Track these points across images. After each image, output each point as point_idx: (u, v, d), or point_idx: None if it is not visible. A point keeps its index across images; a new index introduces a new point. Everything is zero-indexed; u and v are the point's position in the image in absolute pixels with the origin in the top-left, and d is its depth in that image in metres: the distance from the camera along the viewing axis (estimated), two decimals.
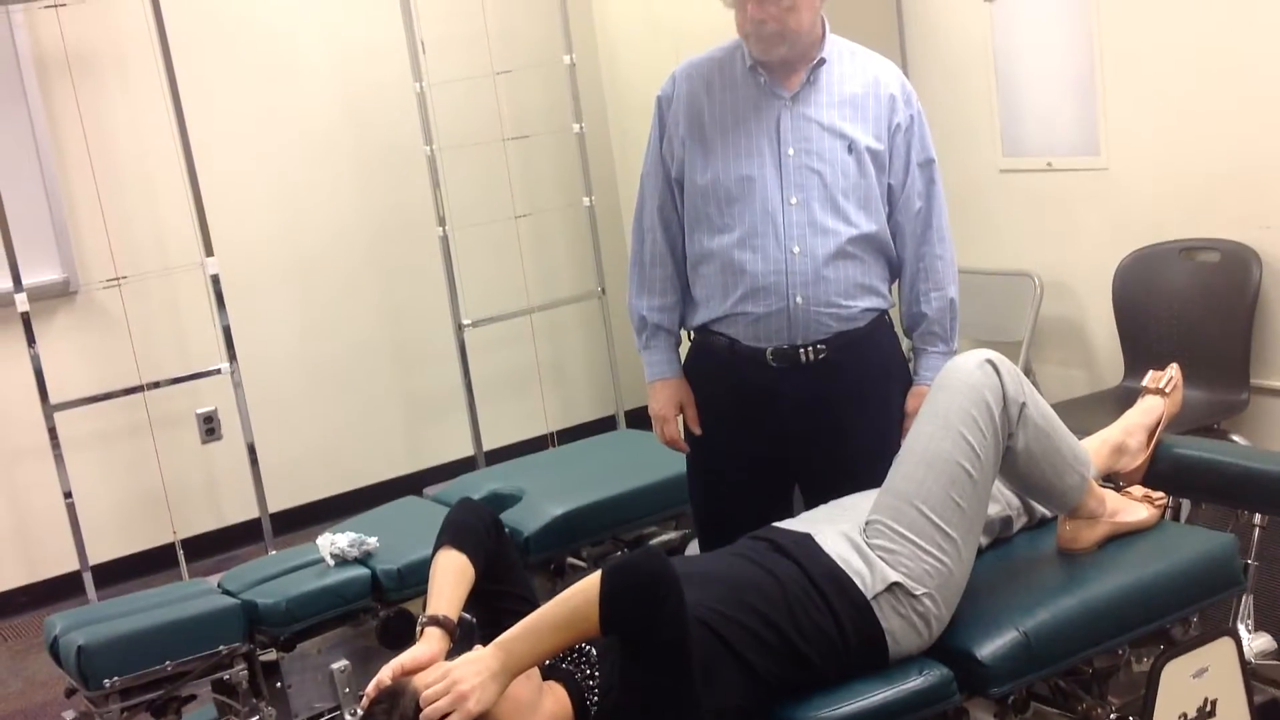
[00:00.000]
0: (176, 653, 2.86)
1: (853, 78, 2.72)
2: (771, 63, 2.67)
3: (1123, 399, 3.67)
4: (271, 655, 3.02)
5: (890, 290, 2.80)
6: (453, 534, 2.32)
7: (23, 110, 4.44)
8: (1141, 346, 4.00)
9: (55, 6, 4.23)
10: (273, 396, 4.90)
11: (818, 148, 2.66)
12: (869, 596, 2.25)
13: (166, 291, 4.71)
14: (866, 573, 2.28)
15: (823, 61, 2.70)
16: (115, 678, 2.78)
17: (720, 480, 2.86)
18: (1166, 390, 2.83)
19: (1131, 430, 2.77)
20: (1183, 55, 3.84)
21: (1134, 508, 2.61)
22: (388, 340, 5.24)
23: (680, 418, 2.88)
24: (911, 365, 2.86)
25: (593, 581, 2.00)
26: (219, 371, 4.57)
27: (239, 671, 2.95)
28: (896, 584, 2.25)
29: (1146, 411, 2.80)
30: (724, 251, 2.69)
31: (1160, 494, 2.68)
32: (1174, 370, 2.88)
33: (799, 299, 2.65)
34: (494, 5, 5.01)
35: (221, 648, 2.91)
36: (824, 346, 2.67)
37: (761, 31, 2.61)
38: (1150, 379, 2.87)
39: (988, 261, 4.52)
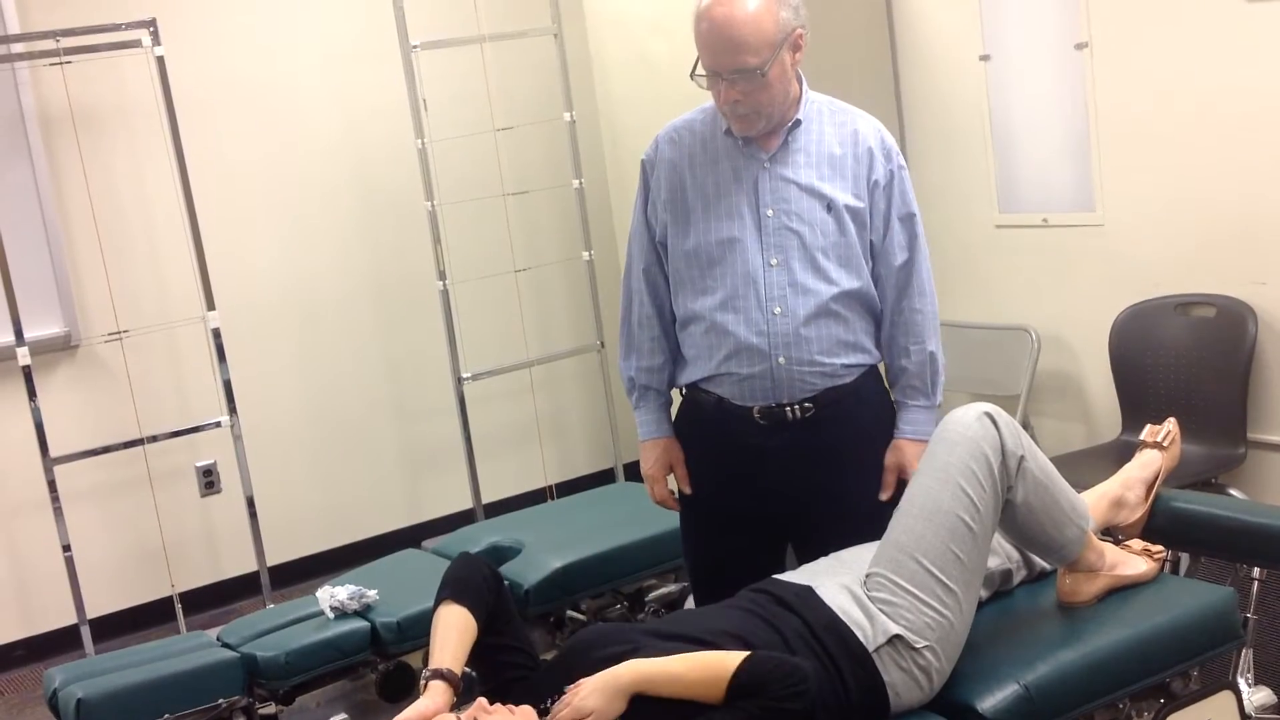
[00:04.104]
0: (175, 706, 2.86)
1: (831, 135, 2.73)
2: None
3: (1120, 453, 3.68)
4: (271, 709, 3.02)
5: (879, 344, 2.81)
6: (453, 589, 2.33)
7: (26, 164, 4.47)
8: (1138, 401, 4.01)
9: (60, 64, 4.27)
10: (272, 450, 4.90)
11: (796, 208, 2.67)
12: (870, 649, 2.25)
13: (167, 345, 4.73)
14: (867, 625, 2.28)
15: (799, 123, 2.71)
16: None
17: (713, 536, 2.86)
18: (1164, 444, 2.85)
19: (1130, 484, 2.79)
20: (1178, 112, 3.88)
21: (1133, 561, 2.62)
22: (387, 393, 5.25)
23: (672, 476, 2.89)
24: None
25: (736, 654, 2.13)
26: (219, 425, 4.58)
27: None
28: (897, 636, 2.25)
29: (1144, 465, 2.82)
30: (708, 313, 2.70)
31: (1159, 547, 2.69)
32: (1171, 424, 2.89)
33: (781, 359, 2.65)
34: (495, 64, 5.06)
35: (221, 701, 2.91)
36: (810, 404, 2.67)
37: (736, 111, 2.63)
38: (1148, 433, 2.89)
39: (985, 316, 4.55)
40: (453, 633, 2.27)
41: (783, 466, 2.69)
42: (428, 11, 4.88)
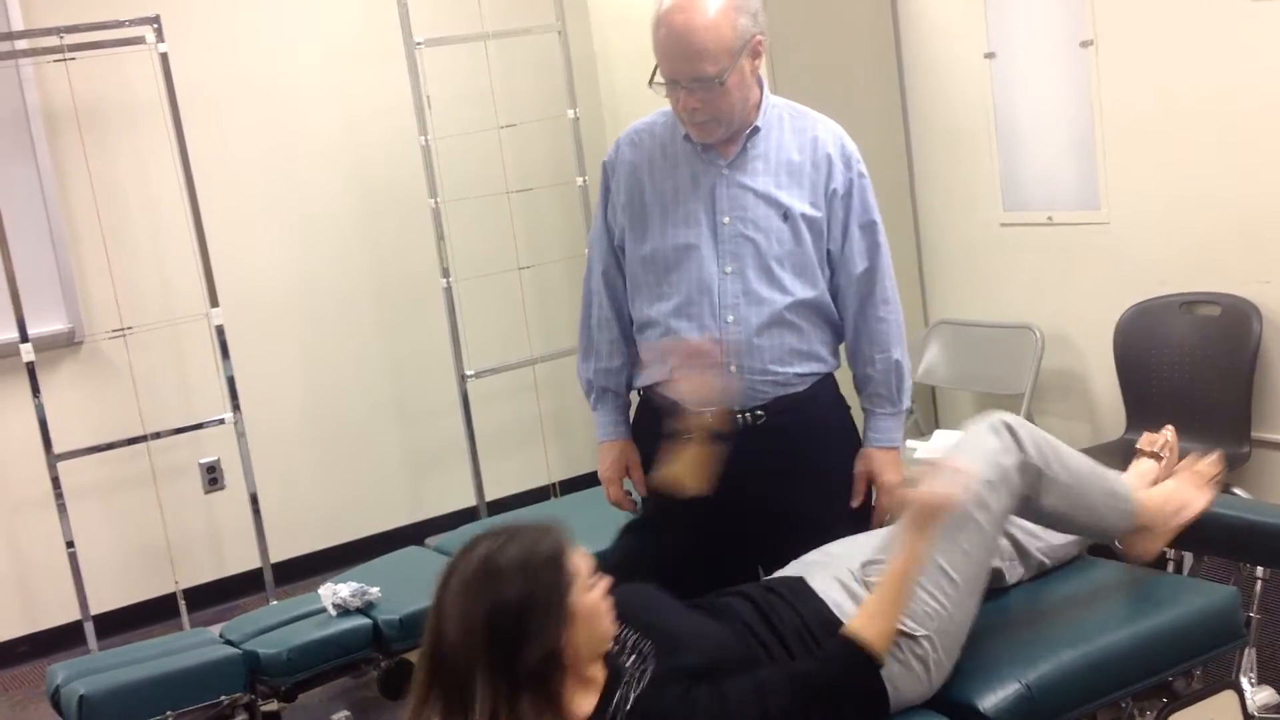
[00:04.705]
0: (178, 702, 2.86)
1: (790, 142, 2.70)
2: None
3: (1124, 451, 3.67)
4: (273, 705, 3.02)
5: (837, 352, 2.79)
6: None
7: (30, 161, 4.48)
8: (1143, 399, 4.01)
9: (64, 60, 4.27)
10: (276, 446, 4.90)
11: (753, 215, 2.65)
12: None
13: (171, 342, 4.73)
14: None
15: (757, 129, 2.68)
16: None
17: (664, 536, 2.76)
18: (1161, 454, 2.81)
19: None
20: (1183, 110, 3.87)
21: (1190, 501, 2.60)
22: (390, 390, 5.25)
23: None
24: (861, 428, 2.83)
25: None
26: (222, 421, 4.58)
27: None
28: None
29: (1141, 475, 2.79)
30: (663, 319, 2.69)
31: (1213, 460, 2.67)
32: (1169, 434, 2.84)
33: (734, 368, 2.64)
34: (499, 61, 5.06)
35: (223, 698, 2.92)
36: (762, 412, 2.66)
37: (695, 119, 2.61)
38: (1144, 441, 2.85)
39: (989, 314, 4.54)
40: None
41: (733, 470, 2.63)
42: (431, 9, 4.88)
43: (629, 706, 2.02)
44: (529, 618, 1.94)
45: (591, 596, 2.03)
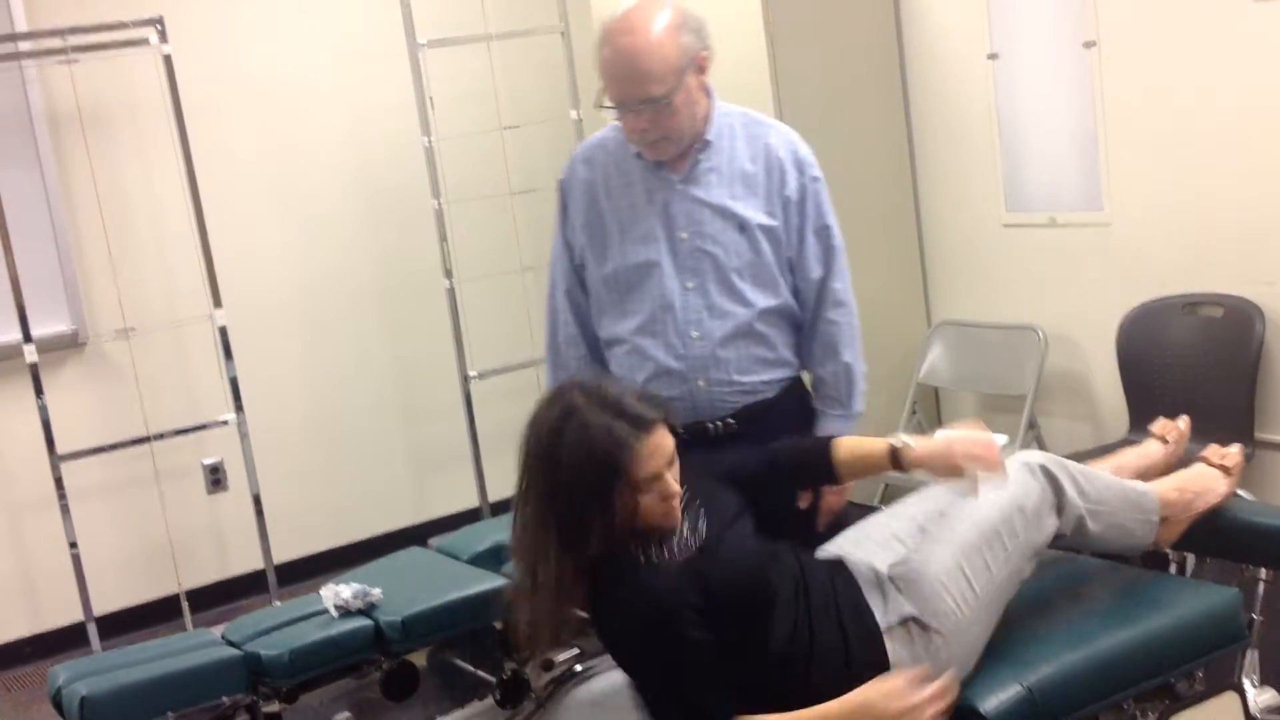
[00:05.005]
0: (179, 704, 2.85)
1: (743, 151, 2.72)
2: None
3: None
4: (274, 707, 3.01)
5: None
6: None
7: (34, 163, 4.48)
8: (1145, 400, 4.00)
9: (68, 62, 4.27)
10: (279, 448, 4.90)
11: (710, 230, 2.67)
12: (883, 628, 2.26)
13: (175, 343, 4.74)
14: (883, 603, 2.30)
15: (708, 143, 2.69)
16: None
17: None
18: (1169, 439, 2.84)
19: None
20: (1186, 111, 3.86)
21: (1209, 489, 2.65)
22: (394, 392, 5.25)
23: None
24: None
25: None
26: (226, 423, 4.59)
27: None
28: (913, 618, 2.26)
29: (1141, 455, 2.81)
30: (629, 337, 2.73)
31: (1233, 450, 2.71)
32: (1183, 423, 2.87)
33: (701, 382, 2.67)
34: (502, 62, 5.06)
35: (224, 699, 2.91)
36: (733, 420, 2.69)
37: (645, 139, 2.63)
38: (1158, 426, 2.88)
39: (992, 315, 4.53)
40: None
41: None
42: (435, 9, 4.87)
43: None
44: (578, 506, 2.15)
45: (646, 500, 2.17)
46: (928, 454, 2.37)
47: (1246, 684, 2.62)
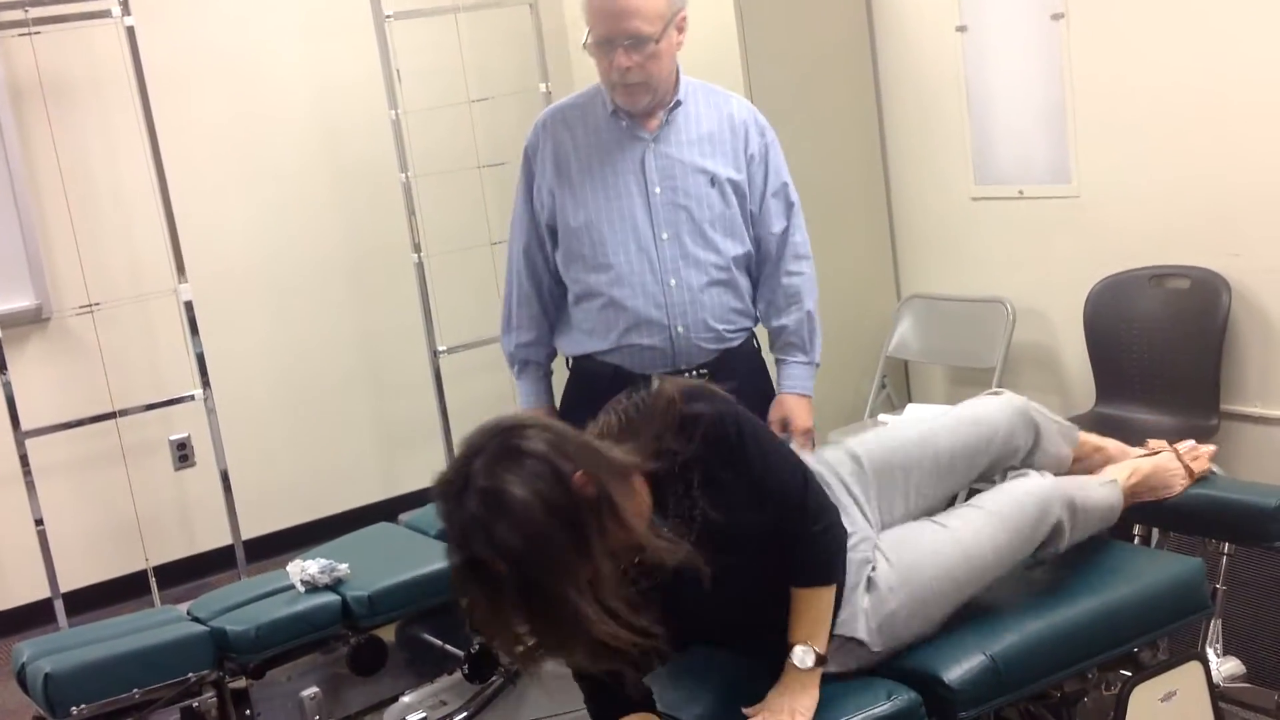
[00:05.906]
0: (144, 680, 2.84)
1: (708, 115, 2.90)
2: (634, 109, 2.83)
3: (1095, 424, 3.67)
4: (241, 683, 3.00)
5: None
6: None
7: None
8: (1113, 372, 4.02)
9: (29, 34, 4.22)
10: (246, 423, 4.88)
11: (683, 184, 2.84)
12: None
13: (140, 318, 4.70)
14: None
15: (679, 103, 2.86)
16: (82, 705, 2.76)
17: None
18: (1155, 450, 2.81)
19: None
20: (1153, 84, 3.87)
21: (1166, 487, 2.70)
22: (362, 367, 5.23)
23: None
24: (775, 378, 3.04)
25: None
26: (192, 398, 4.56)
27: (208, 699, 2.94)
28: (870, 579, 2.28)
29: (1125, 451, 2.80)
30: (604, 289, 2.85)
31: (1203, 454, 2.76)
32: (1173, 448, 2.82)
33: (680, 328, 2.82)
34: (470, 35, 5.03)
35: (190, 675, 2.89)
36: (706, 368, 2.82)
37: (627, 80, 2.75)
38: (1152, 443, 2.85)
39: (960, 288, 4.55)
40: None
41: None
42: None
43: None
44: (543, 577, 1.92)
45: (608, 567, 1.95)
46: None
47: (1210, 653, 2.64)
